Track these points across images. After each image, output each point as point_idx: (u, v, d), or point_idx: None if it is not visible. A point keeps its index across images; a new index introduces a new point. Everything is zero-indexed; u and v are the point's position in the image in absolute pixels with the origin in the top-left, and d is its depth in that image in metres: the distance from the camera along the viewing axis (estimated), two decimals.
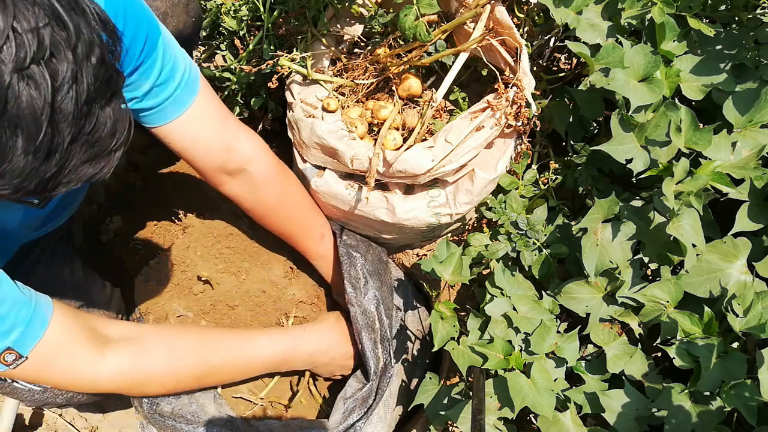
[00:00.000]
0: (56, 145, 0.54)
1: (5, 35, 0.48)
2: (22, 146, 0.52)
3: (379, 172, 1.05)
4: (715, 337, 0.89)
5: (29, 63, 0.50)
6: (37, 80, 0.51)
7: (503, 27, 1.08)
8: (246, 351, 1.04)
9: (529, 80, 1.05)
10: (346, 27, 1.18)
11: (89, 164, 0.59)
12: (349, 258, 1.14)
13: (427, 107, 1.09)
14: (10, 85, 0.49)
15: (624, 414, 0.94)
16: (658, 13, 0.97)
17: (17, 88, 0.50)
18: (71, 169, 0.57)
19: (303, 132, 1.10)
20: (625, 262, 1.00)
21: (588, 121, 1.19)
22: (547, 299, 1.05)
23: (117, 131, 0.60)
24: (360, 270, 1.13)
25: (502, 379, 0.93)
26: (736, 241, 0.97)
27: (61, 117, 0.53)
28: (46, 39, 0.51)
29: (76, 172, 0.58)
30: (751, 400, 0.84)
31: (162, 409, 0.98)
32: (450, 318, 1.00)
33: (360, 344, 1.07)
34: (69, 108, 0.53)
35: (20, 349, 0.78)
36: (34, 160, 0.53)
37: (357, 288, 1.11)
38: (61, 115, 0.53)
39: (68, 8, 0.53)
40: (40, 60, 0.51)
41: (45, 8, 0.51)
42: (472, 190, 1.09)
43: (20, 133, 0.51)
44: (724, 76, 1.01)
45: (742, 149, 0.98)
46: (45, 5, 0.51)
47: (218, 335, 1.05)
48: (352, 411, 1.02)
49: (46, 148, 0.53)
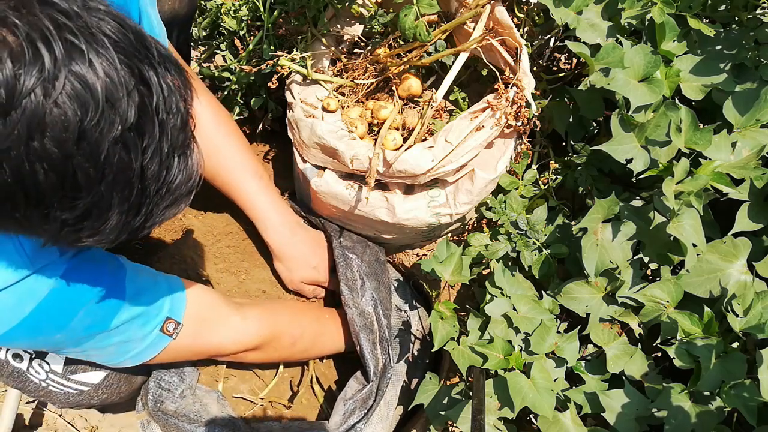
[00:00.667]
0: (144, 199, 0.57)
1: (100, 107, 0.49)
2: (117, 206, 0.55)
3: (379, 172, 1.05)
4: (715, 337, 0.89)
5: (123, 130, 0.51)
6: (129, 145, 0.52)
7: (503, 27, 1.07)
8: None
9: (529, 80, 1.05)
10: (346, 27, 1.18)
11: (172, 208, 0.62)
12: (345, 260, 1.14)
13: (427, 107, 1.09)
14: (108, 153, 0.51)
15: (624, 414, 0.94)
16: (658, 13, 0.97)
17: (113, 154, 0.51)
18: (156, 214, 0.60)
19: (303, 132, 1.10)
20: (625, 262, 1.00)
21: (588, 121, 1.19)
22: (547, 299, 1.05)
23: (194, 174, 0.62)
24: (356, 271, 1.13)
25: (502, 379, 0.93)
26: (736, 241, 0.97)
27: (148, 174, 0.55)
28: (134, 103, 0.51)
29: (160, 216, 0.61)
30: (751, 400, 0.84)
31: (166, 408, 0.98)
32: (450, 318, 1.00)
33: (358, 345, 1.07)
34: (155, 165, 0.55)
35: (176, 316, 0.87)
36: (126, 216, 0.56)
37: (353, 290, 1.11)
38: (148, 173, 0.55)
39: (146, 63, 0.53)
40: (131, 125, 0.52)
41: (130, 68, 0.51)
42: (472, 190, 1.09)
43: (115, 195, 0.54)
44: (724, 76, 1.01)
45: (742, 149, 0.98)
46: (127, 63, 0.51)
47: None
48: (353, 412, 1.02)
49: (136, 205, 0.56)
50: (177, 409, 0.99)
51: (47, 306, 0.72)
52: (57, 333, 0.75)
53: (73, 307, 0.75)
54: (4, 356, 0.93)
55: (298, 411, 1.17)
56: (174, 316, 0.87)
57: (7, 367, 0.94)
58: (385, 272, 1.21)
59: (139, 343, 0.84)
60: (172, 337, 0.86)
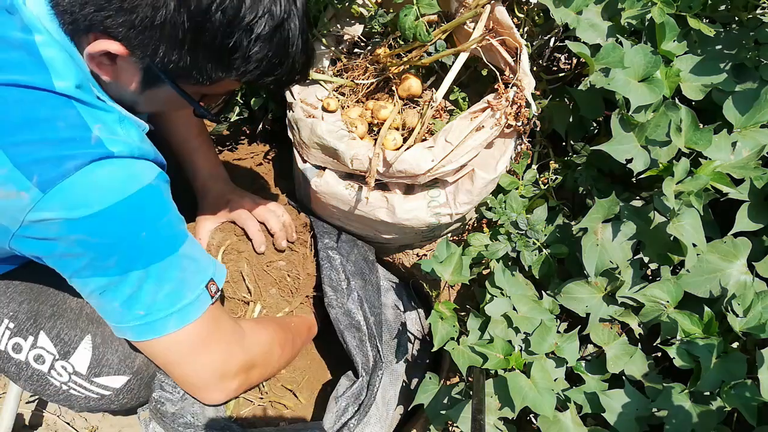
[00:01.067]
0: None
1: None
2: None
3: (379, 172, 1.05)
4: (715, 337, 0.89)
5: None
6: None
7: (503, 27, 1.08)
8: None
9: (529, 80, 1.05)
10: (346, 27, 1.18)
11: None
12: (328, 261, 1.14)
13: (427, 107, 1.09)
14: None
15: (624, 414, 0.94)
16: (658, 13, 0.97)
17: None
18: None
19: (303, 132, 1.10)
20: (625, 262, 1.00)
21: (588, 121, 1.19)
22: (547, 299, 1.05)
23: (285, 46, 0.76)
24: (341, 271, 1.13)
25: (502, 379, 0.93)
26: (736, 241, 0.97)
27: None
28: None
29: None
30: (751, 400, 0.84)
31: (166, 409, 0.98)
32: (450, 318, 1.00)
33: (344, 344, 1.07)
34: None
35: (218, 281, 0.87)
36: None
37: (338, 290, 1.11)
38: None
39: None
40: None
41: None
42: (472, 190, 1.09)
43: None
44: (724, 76, 1.01)
45: (742, 149, 0.98)
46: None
47: None
48: (345, 409, 1.02)
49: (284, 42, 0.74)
50: (176, 411, 0.98)
51: (147, 193, 0.76)
52: (144, 229, 0.76)
53: (164, 206, 0.80)
54: (24, 358, 0.92)
55: (297, 411, 1.17)
56: (217, 280, 0.87)
57: (27, 370, 0.92)
58: (373, 271, 1.21)
59: (189, 292, 0.82)
60: (213, 299, 0.85)
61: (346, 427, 1.01)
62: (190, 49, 0.71)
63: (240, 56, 0.73)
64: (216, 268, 0.88)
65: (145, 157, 0.78)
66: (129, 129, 0.78)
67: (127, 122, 0.78)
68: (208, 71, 0.74)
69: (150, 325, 0.81)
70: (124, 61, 0.73)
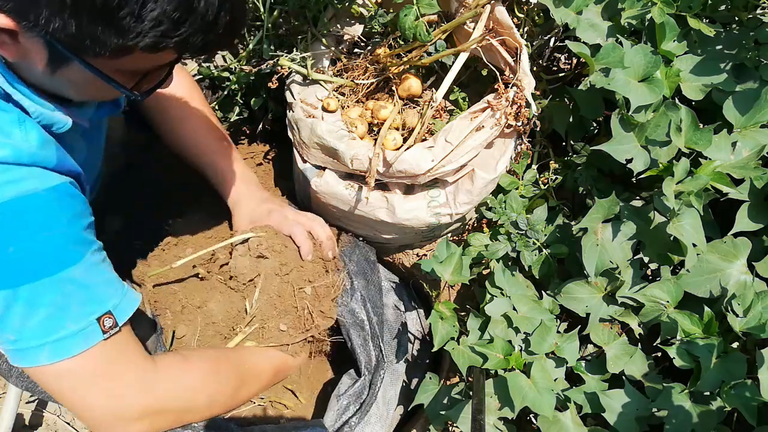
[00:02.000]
0: None
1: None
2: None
3: (379, 172, 1.05)
4: (715, 337, 0.89)
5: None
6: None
7: (503, 27, 1.08)
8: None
9: (529, 80, 1.05)
10: (346, 27, 1.18)
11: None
12: None
13: (427, 107, 1.09)
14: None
15: (624, 414, 0.94)
16: (658, 13, 0.97)
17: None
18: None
19: (303, 132, 1.10)
20: (625, 262, 1.00)
21: (588, 121, 1.19)
22: (547, 299, 1.05)
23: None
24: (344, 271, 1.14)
25: (502, 379, 0.93)
26: (736, 241, 0.97)
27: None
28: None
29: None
30: (751, 400, 0.84)
31: None
32: (450, 318, 1.00)
33: (349, 342, 1.07)
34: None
35: (120, 315, 0.77)
36: None
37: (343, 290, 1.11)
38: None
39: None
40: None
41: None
42: (472, 190, 1.09)
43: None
44: (724, 76, 1.02)
45: (742, 149, 0.98)
46: None
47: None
48: (347, 408, 1.02)
49: None
50: None
51: (26, 203, 0.67)
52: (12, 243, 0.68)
53: (51, 220, 0.71)
54: None
55: (297, 411, 1.17)
56: (117, 314, 0.76)
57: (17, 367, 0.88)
58: (375, 271, 1.21)
59: (71, 323, 0.72)
60: (105, 336, 0.75)
61: (347, 426, 1.01)
62: (72, 12, 0.61)
63: (128, 13, 0.62)
64: (122, 300, 0.77)
65: (38, 164, 0.69)
66: (29, 131, 0.70)
67: (28, 123, 0.71)
68: (101, 38, 0.64)
69: (21, 353, 0.72)
70: (23, 37, 0.65)
